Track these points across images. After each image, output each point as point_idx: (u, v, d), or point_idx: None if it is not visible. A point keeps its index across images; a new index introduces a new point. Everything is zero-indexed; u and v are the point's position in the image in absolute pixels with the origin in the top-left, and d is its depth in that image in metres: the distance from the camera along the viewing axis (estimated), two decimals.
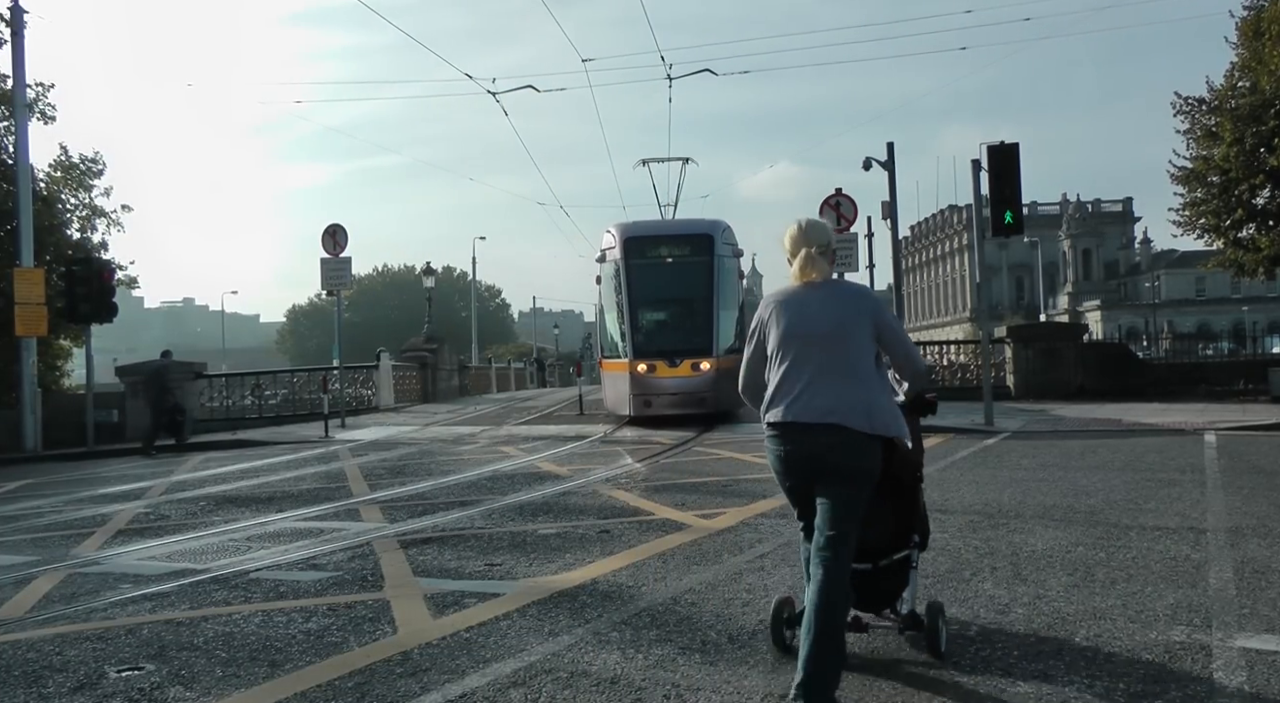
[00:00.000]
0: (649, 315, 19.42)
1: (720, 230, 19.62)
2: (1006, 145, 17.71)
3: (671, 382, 18.27)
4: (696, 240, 19.43)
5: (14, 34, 21.34)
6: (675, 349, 18.38)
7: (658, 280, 19.31)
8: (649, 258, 19.32)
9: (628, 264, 18.97)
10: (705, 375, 18.15)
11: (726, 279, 19.13)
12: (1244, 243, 26.20)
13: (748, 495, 9.70)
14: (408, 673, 4.63)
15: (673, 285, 19.60)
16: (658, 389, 18.34)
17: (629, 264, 18.97)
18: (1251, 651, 4.58)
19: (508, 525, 8.57)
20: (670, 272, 19.37)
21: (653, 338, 18.88)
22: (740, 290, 20.26)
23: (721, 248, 19.17)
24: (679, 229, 20.77)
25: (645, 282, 19.14)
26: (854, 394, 4.11)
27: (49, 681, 4.77)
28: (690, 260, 19.17)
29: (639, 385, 18.34)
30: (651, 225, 21.06)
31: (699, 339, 18.48)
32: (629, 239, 19.36)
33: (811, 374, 4.17)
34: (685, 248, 19.44)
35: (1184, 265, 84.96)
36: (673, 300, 19.96)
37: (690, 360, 18.22)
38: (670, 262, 19.39)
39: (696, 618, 5.42)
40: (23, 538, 9.39)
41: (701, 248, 19.17)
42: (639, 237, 19.70)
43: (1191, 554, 6.65)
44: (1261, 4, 24.77)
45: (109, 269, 22.42)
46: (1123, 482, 9.94)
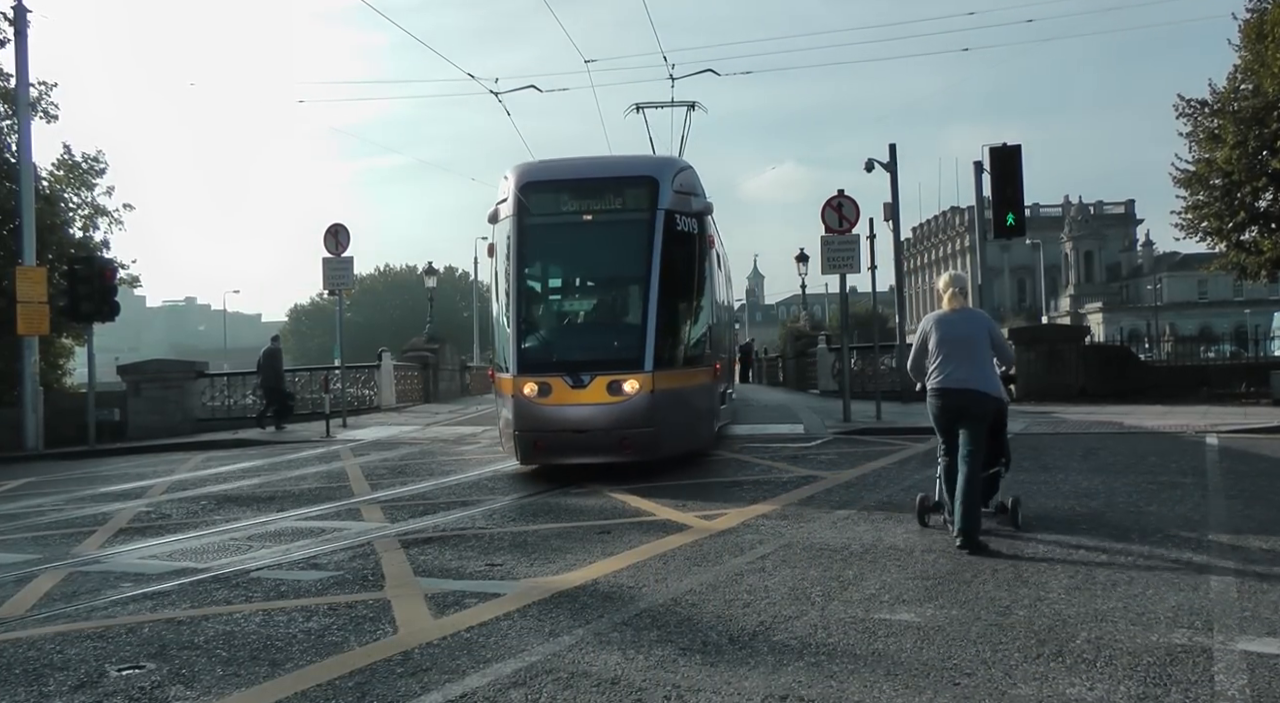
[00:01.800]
0: (545, 306, 12.78)
1: (672, 173, 12.39)
2: (1009, 147, 17.73)
3: (574, 413, 11.27)
4: (631, 187, 12.35)
5: (17, 33, 21.36)
6: (583, 360, 11.51)
7: (564, 250, 12.79)
8: (554, 215, 12.37)
9: (520, 225, 12.09)
10: (631, 402, 11.14)
11: (677, 248, 12.02)
12: (1246, 246, 26.17)
13: (749, 497, 9.70)
14: (408, 673, 4.64)
15: (587, 257, 12.86)
16: (550, 423, 11.35)
17: (521, 225, 12.10)
18: (1253, 654, 4.58)
19: (509, 526, 8.56)
20: (586, 236, 12.45)
21: (549, 342, 12.14)
22: (713, 268, 13.17)
23: (672, 199, 12.08)
24: (605, 169, 13.04)
25: (543, 251, 12.67)
26: (978, 372, 7.29)
27: (50, 679, 4.78)
28: (619, 218, 12.30)
29: (524, 417, 11.39)
30: (564, 166, 13.14)
31: (623, 344, 11.63)
32: (526, 185, 12.29)
33: (956, 361, 7.30)
34: (613, 199, 12.39)
35: (1186, 268, 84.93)
36: (586, 281, 13.26)
37: (607, 377, 11.20)
38: (588, 220, 12.28)
39: (697, 619, 5.42)
40: (24, 536, 9.40)
41: (638, 199, 12.18)
42: (541, 181, 12.49)
43: (1193, 557, 6.64)
44: (1264, 6, 24.75)
45: (111, 268, 22.42)
46: (1124, 484, 9.93)
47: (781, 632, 5.12)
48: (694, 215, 12.39)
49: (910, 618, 5.32)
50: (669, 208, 11.99)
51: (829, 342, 30.05)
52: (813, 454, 13.38)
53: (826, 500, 9.38)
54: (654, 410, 11.22)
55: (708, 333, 12.55)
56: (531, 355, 11.73)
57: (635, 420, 11.20)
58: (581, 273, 13.17)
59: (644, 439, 11.26)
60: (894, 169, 23.91)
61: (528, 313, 12.14)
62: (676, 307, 12.12)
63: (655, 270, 11.66)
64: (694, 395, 11.99)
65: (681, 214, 12.16)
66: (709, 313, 12.63)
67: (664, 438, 11.42)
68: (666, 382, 11.37)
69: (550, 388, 11.28)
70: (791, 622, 5.30)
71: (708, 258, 12.69)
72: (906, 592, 5.89)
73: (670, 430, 11.50)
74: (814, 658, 4.68)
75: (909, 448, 13.73)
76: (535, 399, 11.31)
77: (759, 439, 15.53)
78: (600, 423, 11.22)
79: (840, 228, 17.63)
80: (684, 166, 12.97)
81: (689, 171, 12.95)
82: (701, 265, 12.51)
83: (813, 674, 4.46)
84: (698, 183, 13.00)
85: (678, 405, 11.54)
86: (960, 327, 7.40)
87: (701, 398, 12.29)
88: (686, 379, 11.85)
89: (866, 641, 4.93)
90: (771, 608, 5.59)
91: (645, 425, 11.22)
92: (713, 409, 12.85)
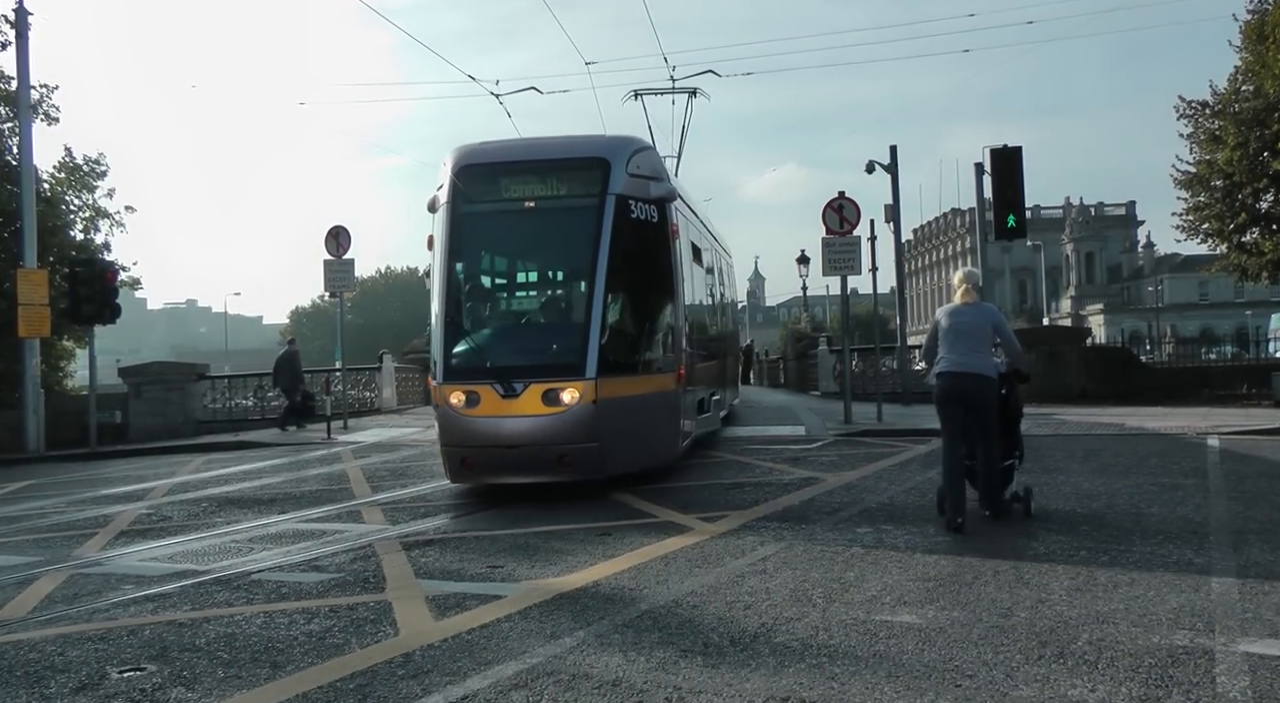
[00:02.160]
0: (477, 305, 11.28)
1: (626, 154, 10.94)
2: (1009, 148, 17.73)
3: (505, 426, 9.88)
4: (578, 170, 11.02)
5: (18, 35, 21.38)
6: (515, 366, 10.15)
7: (501, 241, 11.52)
8: (492, 202, 11.07)
9: (453, 213, 10.85)
10: (569, 414, 9.81)
11: (632, 238, 10.66)
12: (1247, 247, 26.15)
13: (750, 499, 9.69)
14: (409, 675, 4.64)
15: (528, 249, 11.64)
16: (478, 438, 10.03)
17: (455, 214, 10.85)
18: (1254, 655, 4.58)
19: (510, 528, 8.56)
20: (527, 225, 11.16)
21: (479, 346, 10.56)
22: (678, 261, 11.51)
23: (626, 183, 10.70)
24: (550, 150, 11.54)
25: (478, 243, 11.33)
26: (980, 358, 7.91)
27: (51, 681, 4.78)
28: (564, 205, 10.99)
29: (451, 431, 10.22)
30: (506, 147, 11.79)
31: (562, 347, 10.36)
32: (462, 169, 11.02)
33: (959, 348, 7.91)
34: (558, 183, 11.06)
35: (1187, 269, 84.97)
36: (525, 277, 12.09)
37: (542, 385, 9.84)
38: (530, 208, 10.93)
39: (699, 620, 5.42)
40: (25, 539, 9.41)
41: (586, 183, 10.82)
42: (479, 165, 11.17)
43: (1194, 559, 6.64)
44: (1265, 7, 24.75)
45: (112, 270, 22.43)
46: (1126, 486, 9.93)
47: (783, 634, 5.12)
48: (653, 202, 10.94)
49: (912, 620, 5.32)
50: (622, 193, 10.59)
51: (830, 343, 30.04)
52: (814, 456, 13.37)
53: (828, 502, 9.38)
54: (598, 423, 9.84)
55: (670, 334, 11.16)
56: (459, 361, 10.34)
57: (575, 434, 9.84)
58: (521, 267, 11.96)
59: (586, 456, 9.89)
60: (895, 171, 23.96)
61: (457, 313, 10.70)
62: (629, 304, 10.83)
63: (602, 263, 10.25)
64: (650, 405, 10.62)
65: (638, 200, 10.75)
66: (672, 311, 11.24)
67: (611, 454, 10.02)
68: (614, 389, 10.02)
69: (479, 397, 9.95)
70: (793, 624, 5.29)
71: (671, 249, 11.19)
72: (908, 593, 5.89)
73: (619, 445, 10.09)
74: (815, 660, 4.68)
75: (910, 450, 13.72)
76: (462, 410, 10.01)
77: (760, 441, 15.52)
78: (534, 437, 9.85)
79: (841, 229, 17.62)
80: (642, 147, 11.45)
81: (648, 153, 11.55)
82: (662, 258, 11.14)
83: (814, 676, 4.45)
84: (660, 166, 11.72)
85: (628, 416, 10.15)
86: (968, 318, 8.02)
87: (660, 408, 10.87)
88: (640, 386, 10.48)
89: (868, 642, 4.93)
90: (773, 610, 5.59)
91: (587, 440, 9.86)
92: (676, 420, 11.29)
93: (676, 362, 11.18)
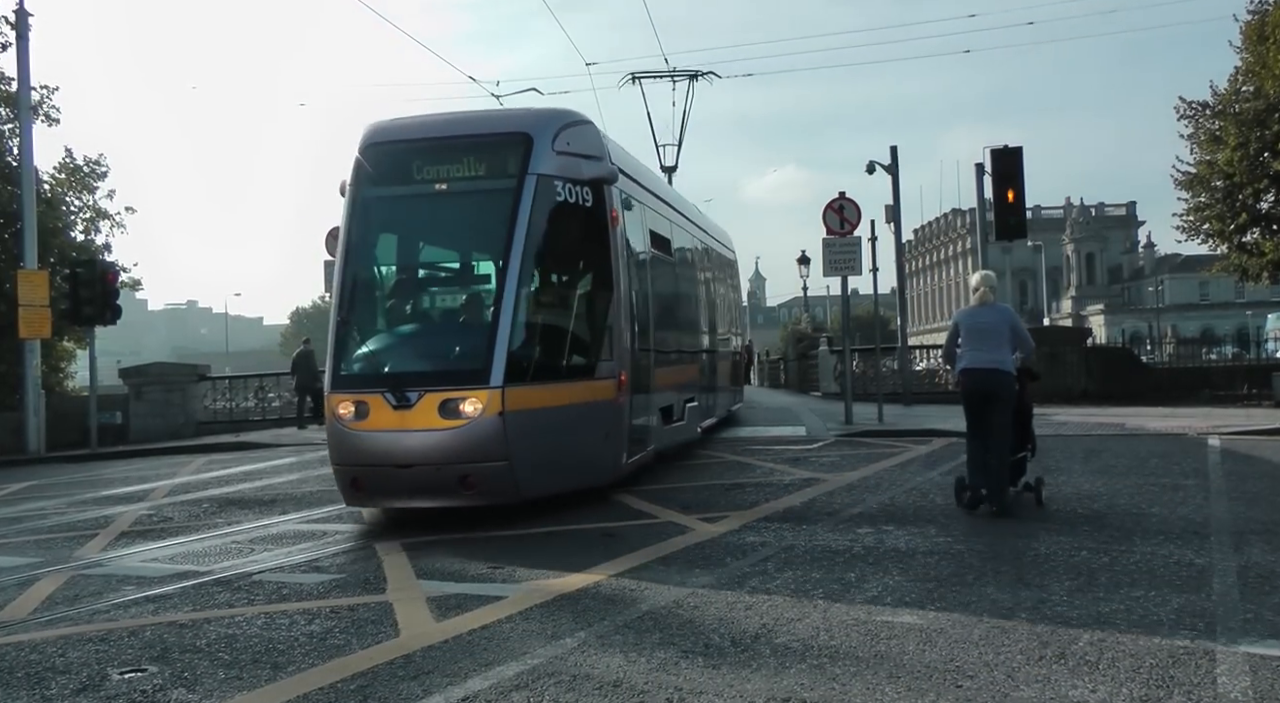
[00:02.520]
0: (375, 302, 9.88)
1: (554, 128, 9.63)
2: (1010, 149, 17.75)
3: (396, 442, 8.56)
4: (496, 147, 9.63)
5: (19, 37, 21.38)
6: (409, 372, 8.96)
7: (407, 229, 10.14)
8: (400, 185, 9.78)
9: (356, 198, 9.67)
10: (471, 428, 8.47)
11: (558, 225, 9.49)
12: (1248, 247, 26.15)
13: (751, 500, 9.69)
14: (410, 676, 4.64)
15: (437, 238, 10.44)
16: (368, 455, 8.71)
17: (357, 199, 9.67)
18: (1255, 656, 4.57)
19: (510, 528, 8.56)
20: (437, 211, 9.89)
21: (373, 350, 9.31)
22: (619, 250, 10.02)
23: (553, 162, 9.41)
24: (467, 126, 10.09)
25: (381, 232, 10.05)
26: (999, 355, 8.44)
27: (52, 682, 4.78)
28: (478, 187, 9.65)
29: (339, 447, 8.94)
30: (420, 124, 10.31)
31: (465, 349, 9.19)
32: (369, 148, 9.79)
33: (980, 347, 8.48)
34: (473, 163, 9.65)
35: (1188, 270, 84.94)
36: (432, 270, 10.62)
37: (439, 395, 8.52)
38: (442, 191, 9.58)
39: (699, 621, 5.42)
40: (26, 540, 9.41)
41: (505, 162, 9.49)
42: (386, 143, 9.87)
43: (1195, 559, 6.63)
44: (1266, 8, 24.75)
45: (113, 271, 22.44)
46: (1126, 486, 9.92)
47: (784, 634, 5.12)
48: (587, 183, 9.59)
49: (913, 620, 5.31)
50: (546, 173, 9.29)
51: (831, 344, 30.06)
52: (815, 457, 13.37)
53: (829, 503, 9.38)
54: (506, 438, 8.48)
55: (608, 334, 9.70)
56: (349, 367, 9.14)
57: (478, 452, 8.46)
58: (428, 259, 10.51)
59: (493, 477, 8.54)
60: (895, 171, 23.96)
61: (351, 312, 9.44)
62: (552, 300, 9.62)
63: (517, 253, 8.94)
64: (578, 416, 9.23)
65: (567, 181, 9.44)
66: (612, 308, 9.77)
67: (524, 474, 8.68)
68: (527, 399, 8.69)
69: (368, 409, 8.64)
70: (794, 624, 5.29)
71: (610, 237, 9.81)
72: (909, 594, 5.88)
73: (534, 464, 8.76)
74: (816, 660, 4.68)
75: (911, 450, 13.72)
76: (350, 424, 8.71)
77: (761, 442, 15.52)
78: (430, 455, 8.46)
79: (842, 230, 17.63)
80: (574, 121, 9.98)
81: (582, 128, 10.01)
82: (598, 246, 9.77)
83: (815, 677, 4.45)
84: (598, 143, 10.12)
85: (548, 430, 8.87)
86: (985, 318, 8.58)
87: (591, 419, 9.40)
88: (564, 395, 9.12)
89: (869, 643, 4.93)
90: (774, 610, 5.58)
91: (493, 458, 8.48)
92: (616, 433, 9.82)
93: (618, 366, 9.77)
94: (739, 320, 21.05)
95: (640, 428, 10.72)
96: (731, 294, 20.76)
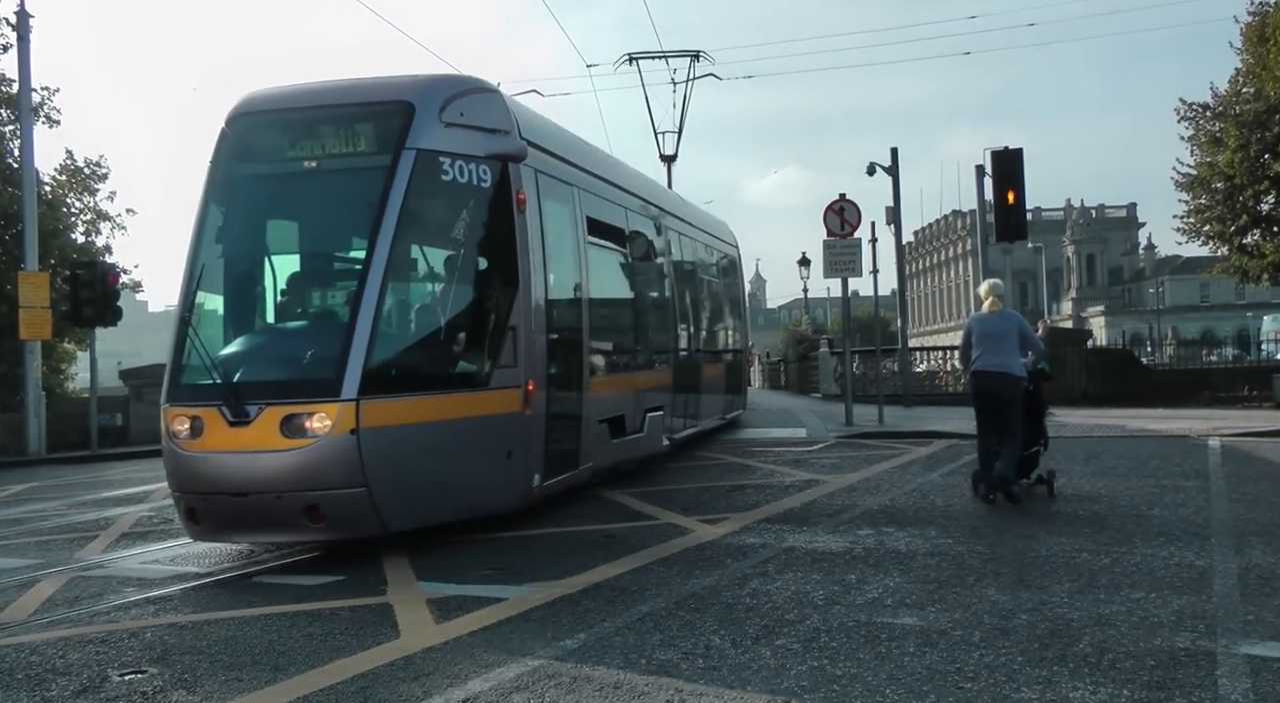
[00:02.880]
0: (219, 299, 8.59)
1: (442, 97, 8.32)
2: (1010, 150, 17.73)
3: (232, 464, 7.26)
4: (372, 118, 8.34)
5: (20, 38, 21.40)
6: (250, 380, 7.55)
7: (267, 213, 8.74)
8: (265, 162, 8.52)
9: (213, 176, 8.50)
10: (319, 447, 7.16)
11: (441, 207, 8.31)
12: (1248, 249, 26.18)
13: (751, 501, 9.69)
14: (410, 677, 4.64)
15: (299, 224, 8.87)
16: (202, 480, 7.41)
17: (214, 176, 8.50)
18: (1256, 658, 4.57)
19: (511, 529, 8.55)
20: (300, 193, 8.53)
21: (211, 355, 7.78)
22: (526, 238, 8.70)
23: (438, 135, 8.17)
24: (343, 95, 8.72)
25: (237, 216, 8.58)
26: (1010, 359, 9.01)
27: (52, 683, 4.78)
28: (349, 165, 8.33)
29: (174, 471, 7.67)
30: (295, 93, 8.87)
31: (316, 354, 7.71)
32: (235, 120, 8.58)
33: (991, 351, 9.04)
34: (347, 136, 8.32)
35: (1188, 271, 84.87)
36: (290, 262, 8.73)
37: (282, 409, 7.22)
38: (310, 170, 8.29)
39: (700, 623, 5.41)
40: (26, 541, 9.41)
41: (380, 135, 8.22)
42: (252, 115, 8.63)
43: (1196, 561, 6.63)
44: (1266, 9, 24.78)
45: (113, 273, 22.41)
46: (1127, 487, 9.93)
47: (784, 636, 5.12)
48: (484, 161, 8.30)
49: (913, 622, 5.31)
50: (429, 147, 8.00)
51: (831, 345, 30.06)
52: (815, 458, 13.37)
53: (829, 505, 9.37)
54: (362, 459, 7.14)
55: (510, 337, 8.28)
56: (187, 375, 7.86)
57: (327, 477, 7.10)
58: (286, 249, 8.73)
59: (346, 507, 7.18)
60: (896, 173, 23.98)
61: (195, 310, 8.17)
62: (431, 298, 8.37)
63: (385, 241, 7.58)
64: (466, 434, 7.90)
65: (457, 157, 8.15)
66: (516, 306, 8.40)
67: (388, 503, 7.32)
68: (393, 414, 7.39)
69: (203, 425, 7.31)
70: (794, 626, 5.29)
71: (514, 223, 8.48)
72: (909, 596, 5.88)
73: (404, 491, 7.46)
74: (816, 662, 4.68)
75: (912, 452, 13.72)
76: (185, 442, 7.40)
77: (761, 443, 15.52)
78: (269, 482, 7.08)
79: (842, 231, 17.63)
80: (471, 88, 8.61)
81: (482, 97, 8.67)
82: (496, 234, 8.49)
83: (815, 678, 4.45)
84: (504, 115, 8.71)
85: (423, 451, 7.60)
86: (996, 325, 9.14)
87: (486, 437, 8.05)
88: (445, 409, 7.78)
89: (869, 645, 4.92)
90: (774, 612, 5.58)
91: (346, 485, 7.14)
92: (521, 451, 8.39)
93: (524, 373, 8.38)
94: (738, 320, 19.30)
95: (564, 444, 9.31)
96: (726, 291, 18.89)
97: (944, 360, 29.03)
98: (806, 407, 24.30)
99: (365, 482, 7.21)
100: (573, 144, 10.87)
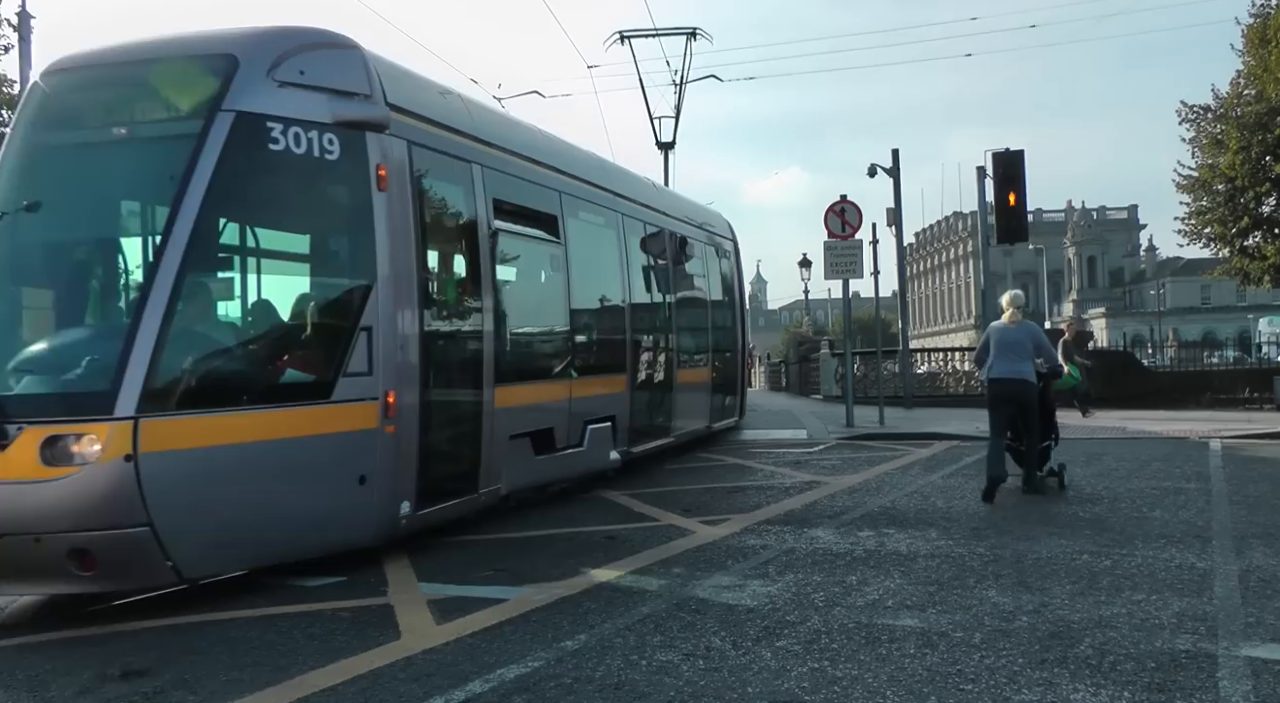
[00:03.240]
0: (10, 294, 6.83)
1: (275, 51, 6.86)
2: (1012, 152, 17.74)
3: None
4: (187, 77, 6.80)
5: (21, 39, 21.41)
6: (10, 393, 5.99)
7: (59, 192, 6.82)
8: (63, 129, 6.99)
9: (8, 145, 7.04)
10: (86, 477, 5.65)
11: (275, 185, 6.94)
12: (1250, 251, 26.18)
13: (752, 502, 9.69)
14: (411, 678, 4.63)
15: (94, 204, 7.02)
16: None
17: (8, 145, 7.02)
18: (1257, 660, 4.57)
19: (512, 531, 8.56)
20: (100, 166, 6.97)
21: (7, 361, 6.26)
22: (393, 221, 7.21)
23: (269, 96, 6.69)
24: (159, 49, 7.12)
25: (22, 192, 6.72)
26: (1024, 366, 9.71)
27: (52, 684, 4.78)
28: (156, 134, 6.82)
29: None
30: (108, 50, 7.18)
31: (91, 362, 6.11)
32: (41, 79, 7.15)
33: (1006, 358, 9.70)
34: (158, 100, 6.91)
35: (1189, 273, 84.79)
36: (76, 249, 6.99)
37: (41, 430, 5.70)
38: (117, 137, 6.83)
39: (700, 624, 5.41)
40: None
41: (195, 96, 6.68)
42: (60, 72, 7.05)
43: (1197, 563, 6.63)
44: (1268, 11, 24.79)
45: None
46: (1128, 489, 9.93)
47: (785, 637, 5.12)
48: (330, 128, 6.91)
49: (913, 623, 5.31)
50: (253, 110, 6.57)
51: (832, 347, 30.04)
52: (816, 459, 13.37)
53: (830, 506, 9.37)
54: (144, 491, 5.75)
55: (363, 339, 6.91)
56: None
57: (99, 514, 5.69)
58: (75, 235, 7.01)
59: (125, 550, 5.81)
60: (897, 174, 23.97)
61: None
62: (251, 291, 7.03)
63: (185, 224, 6.20)
64: (298, 456, 6.60)
65: (292, 123, 6.72)
66: (370, 303, 7.00)
67: (182, 545, 5.95)
68: (188, 434, 6.03)
69: None
70: (795, 627, 5.29)
71: (372, 205, 7.08)
72: (910, 597, 5.88)
73: (203, 530, 6.10)
74: (817, 663, 4.68)
75: (912, 453, 13.72)
76: None
77: (762, 445, 15.52)
78: (26, 521, 5.64)
79: (843, 233, 17.64)
80: (316, 42, 7.23)
81: (331, 52, 7.28)
82: (347, 217, 7.24)
83: (816, 680, 4.45)
84: (360, 73, 7.29)
85: (235, 478, 6.26)
86: (1013, 334, 9.80)
87: (329, 459, 6.78)
88: (266, 427, 6.43)
89: (870, 646, 4.92)
90: (775, 613, 5.58)
91: (124, 524, 5.74)
92: (382, 476, 7.06)
93: (382, 382, 7.02)
94: (731, 319, 16.93)
95: (452, 465, 8.12)
96: (714, 287, 16.45)
97: (945, 362, 29.02)
98: (807, 408, 24.30)
99: (148, 519, 5.75)
100: (479, 115, 9.14)
